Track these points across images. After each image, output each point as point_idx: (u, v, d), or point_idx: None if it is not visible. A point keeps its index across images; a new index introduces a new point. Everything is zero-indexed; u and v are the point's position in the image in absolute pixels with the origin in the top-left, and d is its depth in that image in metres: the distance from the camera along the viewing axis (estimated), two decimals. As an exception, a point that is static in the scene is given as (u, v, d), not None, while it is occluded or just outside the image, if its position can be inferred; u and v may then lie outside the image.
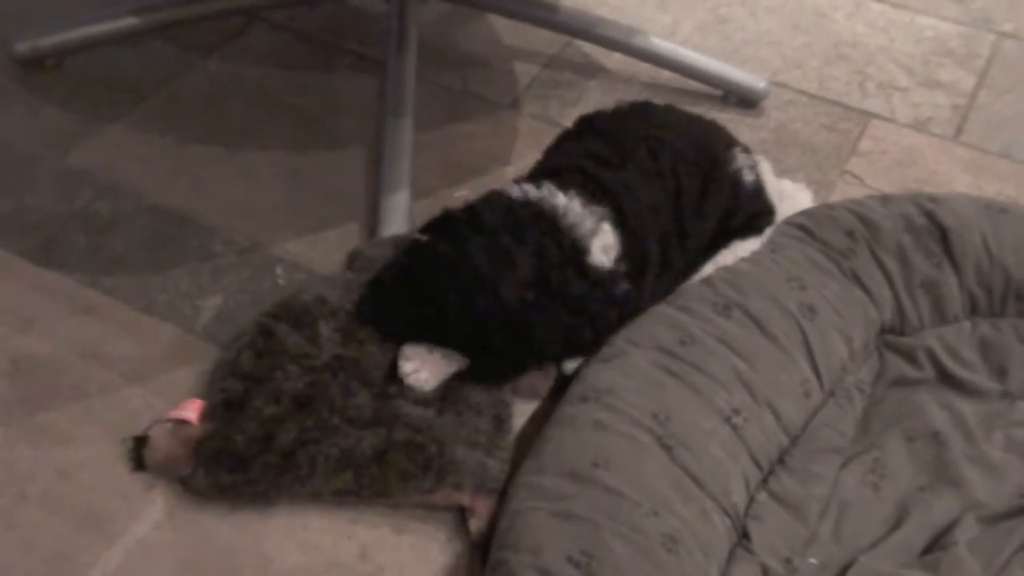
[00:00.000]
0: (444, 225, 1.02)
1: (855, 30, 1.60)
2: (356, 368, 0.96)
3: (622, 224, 1.04)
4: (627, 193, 1.06)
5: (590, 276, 1.01)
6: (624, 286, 1.04)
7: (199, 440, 0.91)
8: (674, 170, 1.10)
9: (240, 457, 0.89)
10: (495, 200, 1.03)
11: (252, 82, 1.43)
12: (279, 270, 1.19)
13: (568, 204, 1.02)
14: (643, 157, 1.10)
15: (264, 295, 1.15)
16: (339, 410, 0.92)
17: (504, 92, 1.45)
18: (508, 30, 1.55)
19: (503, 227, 0.99)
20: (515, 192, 1.04)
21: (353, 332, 0.99)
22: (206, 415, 0.92)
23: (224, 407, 0.91)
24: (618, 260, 1.03)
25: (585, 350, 1.05)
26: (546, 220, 1.01)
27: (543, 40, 1.52)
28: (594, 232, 1.02)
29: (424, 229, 1.03)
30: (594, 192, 1.04)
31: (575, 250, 1.01)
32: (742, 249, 1.14)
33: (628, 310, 1.06)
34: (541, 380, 1.05)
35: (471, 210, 1.02)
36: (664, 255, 1.08)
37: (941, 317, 1.12)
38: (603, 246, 1.02)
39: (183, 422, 0.93)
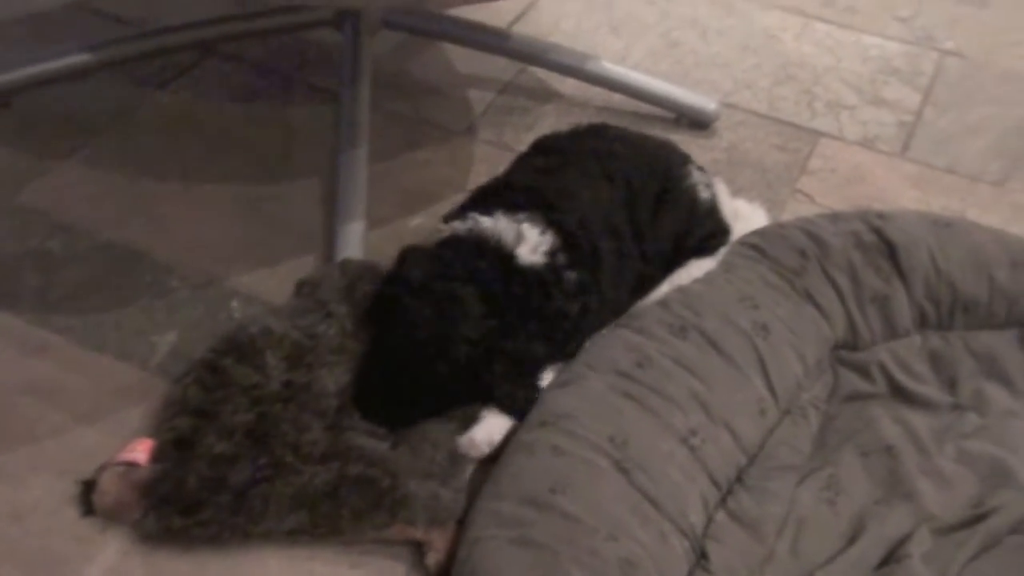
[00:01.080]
0: (382, 306, 1.04)
1: (803, 51, 1.63)
2: (307, 394, 0.96)
3: (556, 222, 1.05)
4: (561, 193, 1.08)
5: (527, 277, 1.02)
6: (572, 275, 1.04)
7: (149, 483, 0.89)
8: (626, 177, 1.12)
9: (192, 499, 0.88)
10: (416, 255, 1.06)
11: (206, 115, 1.43)
12: (234, 304, 1.18)
13: (493, 223, 1.04)
14: (589, 164, 1.12)
15: (219, 329, 1.14)
16: (292, 446, 0.91)
17: (459, 119, 1.46)
18: (462, 58, 1.56)
19: (435, 276, 1.01)
20: (444, 231, 1.06)
21: (300, 357, 0.99)
22: (156, 456, 0.91)
23: (174, 446, 0.90)
24: (553, 254, 1.04)
25: (562, 352, 1.06)
26: (472, 246, 1.03)
27: (497, 67, 1.54)
28: (519, 237, 1.03)
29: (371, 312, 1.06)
30: (518, 202, 1.06)
31: (502, 258, 1.02)
32: (697, 268, 1.15)
33: (590, 300, 1.06)
34: None
35: (397, 276, 1.04)
36: (620, 251, 1.09)
37: (892, 331, 1.14)
38: (530, 247, 1.03)
39: (133, 464, 0.92)
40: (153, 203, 1.30)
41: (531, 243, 1.04)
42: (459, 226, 1.05)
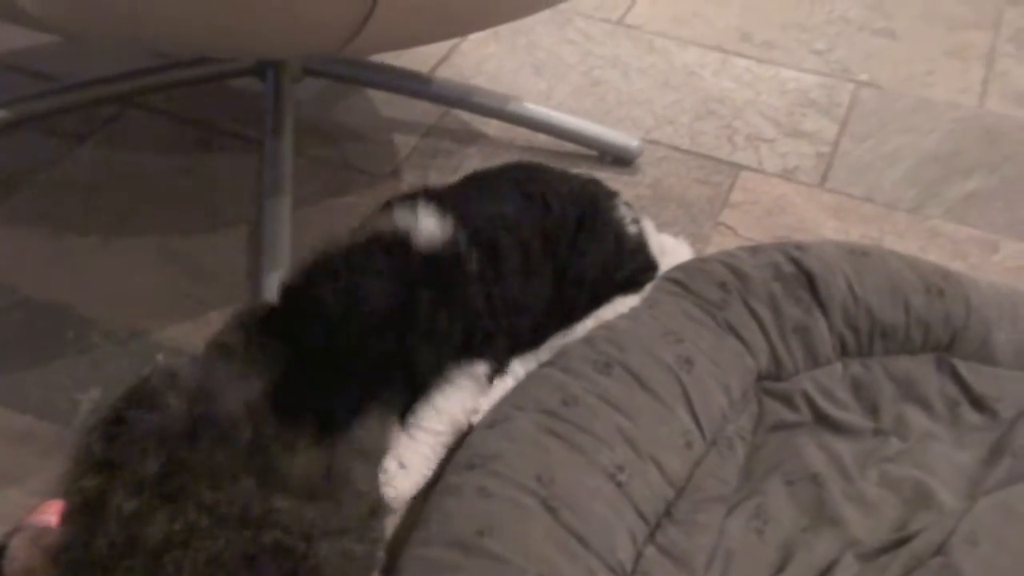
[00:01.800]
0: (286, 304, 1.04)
1: (722, 86, 1.67)
2: (214, 427, 0.93)
3: (454, 213, 1.07)
4: (464, 198, 1.11)
5: (428, 258, 1.03)
6: (474, 262, 1.05)
7: (58, 547, 0.87)
8: (544, 198, 1.14)
9: (102, 565, 0.86)
10: (307, 259, 1.06)
11: (128, 167, 1.42)
12: (160, 357, 1.16)
13: (388, 217, 1.07)
14: (503, 184, 1.16)
15: (144, 384, 1.13)
16: (207, 507, 0.89)
17: (383, 163, 1.47)
18: (386, 103, 1.57)
19: (332, 265, 1.02)
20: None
21: (202, 390, 0.96)
22: (64, 518, 0.89)
23: (82, 507, 0.88)
24: (452, 239, 1.05)
25: (479, 350, 1.07)
26: (370, 237, 1.05)
27: (420, 111, 1.55)
28: (416, 222, 1.05)
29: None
30: (415, 198, 1.09)
31: (400, 243, 1.03)
32: (623, 305, 1.16)
33: (493, 291, 1.07)
34: None
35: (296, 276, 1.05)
36: (526, 255, 1.10)
37: (814, 360, 1.16)
38: (427, 234, 1.04)
39: (44, 527, 0.89)
40: (74, 258, 1.28)
41: (429, 228, 1.05)
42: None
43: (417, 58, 1.61)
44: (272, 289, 1.20)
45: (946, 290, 1.17)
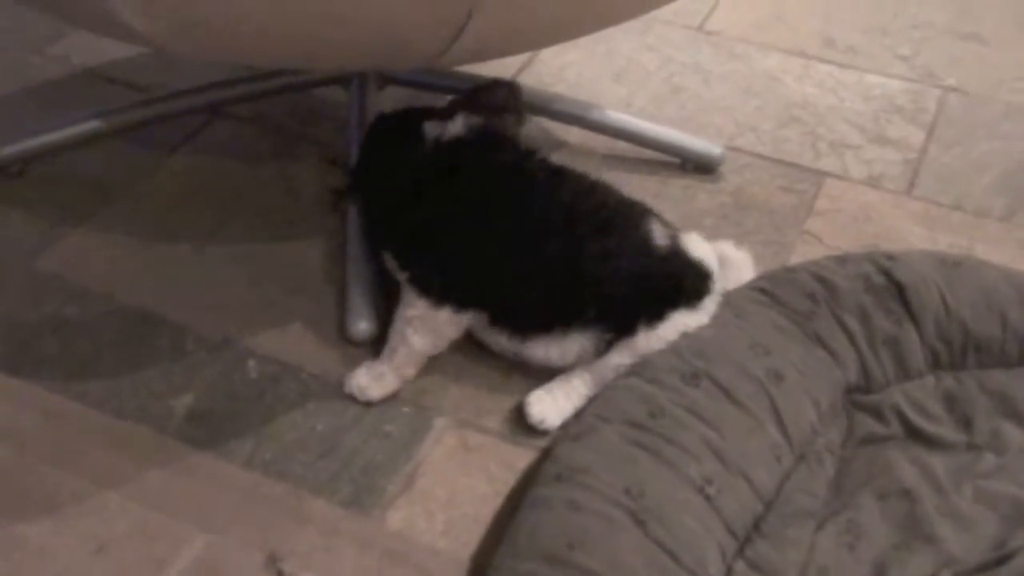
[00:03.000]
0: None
1: (805, 92, 1.65)
2: None
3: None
4: None
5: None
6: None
7: None
8: (569, 195, 1.18)
9: None
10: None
11: (216, 177, 1.45)
12: (251, 363, 1.19)
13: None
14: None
15: (236, 390, 1.16)
16: None
17: (466, 172, 1.47)
18: (467, 111, 1.58)
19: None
20: None
21: None
22: None
23: None
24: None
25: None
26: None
27: (502, 118, 1.55)
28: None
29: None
30: None
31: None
32: (682, 323, 1.14)
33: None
34: None
35: None
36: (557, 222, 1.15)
37: (905, 373, 1.14)
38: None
39: None
40: (166, 266, 1.31)
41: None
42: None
43: (499, 66, 1.62)
44: (358, 300, 1.23)
45: (1044, 302, 1.14)
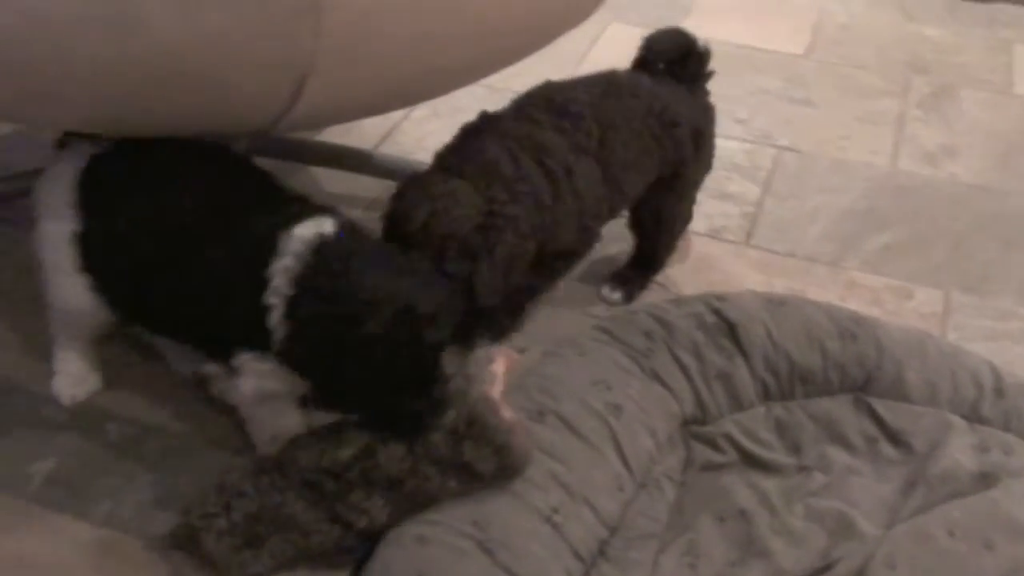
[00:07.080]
0: None
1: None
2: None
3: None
4: None
5: None
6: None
7: None
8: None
9: None
10: None
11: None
12: (110, 426, 1.20)
13: None
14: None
15: (96, 454, 1.17)
16: None
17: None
18: (330, 178, 1.64)
19: None
20: None
21: None
22: None
23: None
24: None
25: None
26: None
27: (363, 186, 1.61)
28: None
29: None
30: None
31: None
32: None
33: None
34: None
35: None
36: None
37: (737, 404, 1.22)
38: None
39: None
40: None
41: None
42: None
43: (360, 136, 1.69)
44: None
45: (858, 334, 1.24)
